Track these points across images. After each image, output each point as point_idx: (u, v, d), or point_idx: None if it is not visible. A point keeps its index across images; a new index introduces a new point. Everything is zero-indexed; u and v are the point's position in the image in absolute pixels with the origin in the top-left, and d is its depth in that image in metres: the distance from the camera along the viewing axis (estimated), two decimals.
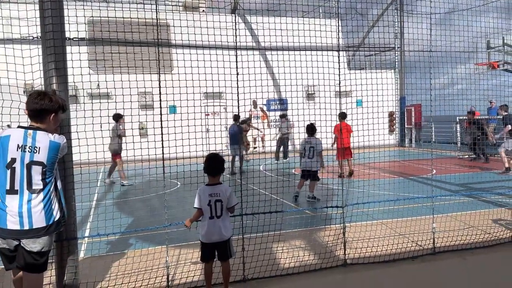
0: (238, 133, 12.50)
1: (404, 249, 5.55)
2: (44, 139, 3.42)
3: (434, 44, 6.00)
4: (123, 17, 4.94)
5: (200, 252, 4.39)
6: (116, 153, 10.32)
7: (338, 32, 5.43)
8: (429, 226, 5.75)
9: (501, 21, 7.81)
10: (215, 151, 4.66)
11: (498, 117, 16.00)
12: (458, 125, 17.23)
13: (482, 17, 7.30)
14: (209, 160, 4.39)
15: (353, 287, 4.68)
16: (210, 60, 5.37)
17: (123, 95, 5.01)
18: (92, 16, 6.62)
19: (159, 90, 4.62)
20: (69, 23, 4.39)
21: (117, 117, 10.11)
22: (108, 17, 4.94)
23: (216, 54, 5.32)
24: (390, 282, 4.74)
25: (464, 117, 16.61)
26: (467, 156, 16.40)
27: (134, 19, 5.25)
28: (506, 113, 13.71)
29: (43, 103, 3.45)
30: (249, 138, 16.60)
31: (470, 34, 6.95)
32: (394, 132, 22.38)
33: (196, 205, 4.34)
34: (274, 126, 19.10)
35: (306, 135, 9.08)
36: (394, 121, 22.11)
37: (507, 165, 11.73)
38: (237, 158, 12.84)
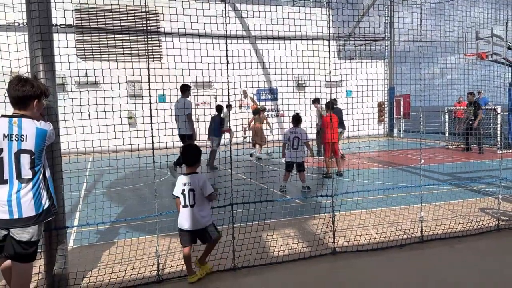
0: (219, 125, 12.29)
1: (393, 238, 5.62)
2: (30, 127, 3.37)
3: (426, 34, 6.01)
4: (111, 4, 4.86)
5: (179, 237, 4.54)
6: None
7: (329, 21, 5.41)
8: (417, 215, 5.82)
9: (490, 12, 7.85)
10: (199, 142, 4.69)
11: (487, 107, 16.21)
12: (446, 115, 17.38)
13: (472, 7, 7.32)
14: (184, 151, 4.54)
15: (342, 275, 4.73)
16: (200, 49, 5.32)
17: (111, 83, 4.94)
18: (79, 3, 6.50)
19: (148, 78, 4.57)
20: (56, 10, 4.31)
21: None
22: (96, 4, 4.85)
23: (206, 43, 5.27)
24: (378, 270, 4.80)
25: (453, 107, 16.78)
26: (454, 146, 16.56)
27: (122, 7, 5.17)
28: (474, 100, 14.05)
29: (25, 89, 3.38)
30: (238, 128, 16.43)
31: (460, 24, 6.98)
32: (383, 122, 22.52)
33: (173, 192, 4.54)
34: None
35: (291, 125, 9.04)
36: (383, 111, 22.24)
37: None
38: (210, 149, 12.43)
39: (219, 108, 12.37)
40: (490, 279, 4.46)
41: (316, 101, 12.66)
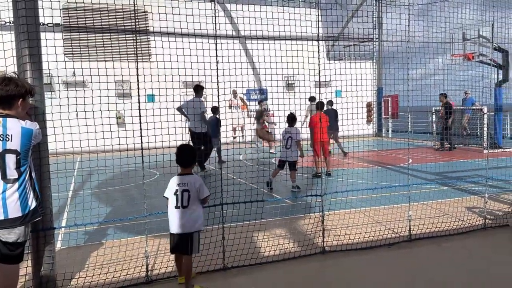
0: (216, 125, 12.47)
1: (381, 237, 5.67)
2: (15, 126, 3.32)
3: (414, 34, 6.06)
4: (99, 3, 4.82)
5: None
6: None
7: (318, 22, 5.43)
8: (405, 214, 5.88)
9: (476, 13, 7.96)
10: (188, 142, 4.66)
11: (473, 107, 16.44)
12: (434, 115, 17.57)
13: (459, 8, 7.41)
14: (179, 151, 4.40)
15: (331, 274, 4.76)
16: (190, 48, 5.30)
17: (99, 82, 4.90)
18: (67, 2, 6.44)
19: (137, 78, 4.54)
20: (43, 8, 4.26)
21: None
22: (84, 3, 4.81)
23: (196, 42, 5.26)
24: (367, 269, 4.84)
25: (439, 108, 16.98)
26: (438, 146, 16.77)
27: (111, 5, 5.13)
28: (446, 101, 14.45)
29: (9, 88, 3.34)
30: (228, 128, 16.58)
31: (447, 25, 7.06)
32: (372, 122, 22.66)
33: (165, 194, 4.40)
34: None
35: (287, 125, 9.10)
36: (372, 112, 22.38)
37: None
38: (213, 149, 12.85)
39: (214, 110, 12.56)
40: (477, 278, 4.52)
41: (312, 99, 13.00)
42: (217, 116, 12.61)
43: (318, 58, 5.45)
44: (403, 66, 6.05)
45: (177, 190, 4.28)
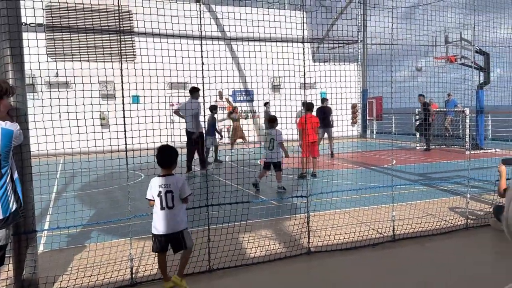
0: (213, 125, 12.87)
1: (366, 237, 5.72)
2: None
3: (396, 37, 6.14)
4: (83, 3, 4.77)
5: (152, 243, 4.37)
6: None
7: (303, 24, 5.47)
8: (389, 214, 5.94)
9: (459, 17, 8.11)
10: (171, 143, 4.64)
11: (456, 109, 16.72)
12: (417, 116, 17.80)
13: (442, 11, 7.55)
14: (160, 152, 4.37)
15: (316, 274, 4.79)
16: (174, 50, 5.27)
17: (82, 83, 4.85)
18: (50, 1, 6.35)
19: (121, 79, 4.51)
20: (25, 8, 4.19)
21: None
22: (67, 3, 4.75)
23: (181, 44, 5.24)
24: (351, 269, 4.88)
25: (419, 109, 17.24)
26: (418, 146, 17.04)
27: (94, 6, 5.07)
28: (425, 101, 14.83)
29: None
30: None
31: (430, 28, 7.18)
32: (357, 124, 22.85)
33: (147, 196, 4.35)
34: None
35: (268, 127, 9.16)
36: (357, 113, 22.57)
37: None
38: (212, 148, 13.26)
39: (212, 108, 12.80)
40: (460, 278, 4.59)
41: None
42: (215, 115, 12.93)
43: (303, 60, 5.48)
44: (387, 68, 6.13)
45: (160, 192, 4.26)
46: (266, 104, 15.89)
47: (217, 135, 13.53)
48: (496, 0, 9.41)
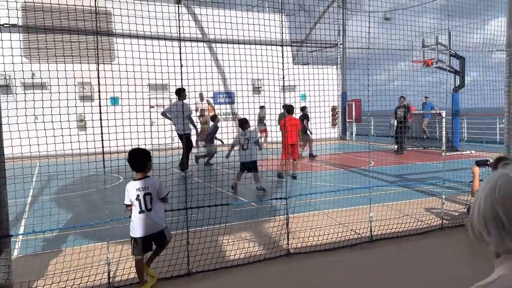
0: (214, 132, 13.10)
1: (344, 238, 5.79)
2: None
3: (374, 41, 6.25)
4: (59, 4, 4.70)
5: (132, 247, 4.35)
6: None
7: (282, 27, 5.51)
8: (366, 215, 6.03)
9: (435, 22, 8.30)
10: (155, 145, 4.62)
11: (432, 111, 17.06)
12: (394, 119, 18.08)
13: (419, 17, 7.70)
14: (132, 157, 4.35)
15: (295, 276, 4.82)
16: (153, 52, 5.25)
17: (58, 85, 4.77)
18: (25, 1, 6.24)
19: (98, 81, 4.46)
20: None
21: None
22: (43, 3, 4.67)
23: (159, 46, 5.21)
24: (330, 270, 4.93)
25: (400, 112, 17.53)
26: (396, 147, 17.32)
27: (71, 6, 4.99)
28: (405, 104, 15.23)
29: None
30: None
31: (407, 33, 7.32)
32: (337, 126, 23.10)
33: (125, 201, 4.34)
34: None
35: (240, 130, 9.18)
36: (337, 115, 22.82)
37: None
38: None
39: (213, 118, 13.33)
40: (435, 278, 4.69)
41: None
42: (217, 124, 13.13)
43: (282, 63, 5.52)
44: (364, 72, 6.23)
45: (138, 195, 4.25)
46: (261, 107, 15.90)
47: (217, 142, 13.53)
48: (469, 6, 9.67)
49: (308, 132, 13.69)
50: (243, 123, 9.09)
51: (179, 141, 10.85)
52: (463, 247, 5.79)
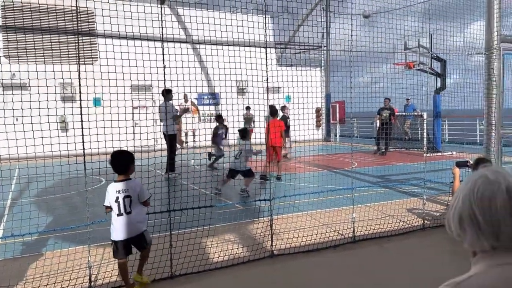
0: (226, 135, 13.07)
1: (327, 239, 5.82)
2: None
3: (357, 44, 6.31)
4: (39, 3, 4.62)
5: (112, 250, 4.31)
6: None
7: (265, 29, 5.52)
8: (349, 216, 6.07)
9: (417, 25, 8.43)
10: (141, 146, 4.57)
11: (414, 113, 17.31)
12: (378, 121, 18.28)
13: (401, 20, 7.82)
14: (114, 159, 4.31)
15: (279, 277, 4.82)
16: (135, 52, 5.20)
17: (38, 86, 4.69)
18: (4, 1, 6.11)
19: (79, 81, 4.39)
20: None
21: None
22: (22, 3, 4.59)
23: (142, 46, 5.17)
24: (314, 271, 4.95)
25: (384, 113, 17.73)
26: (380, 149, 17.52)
27: (51, 6, 4.91)
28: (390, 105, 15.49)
29: None
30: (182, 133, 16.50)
31: (390, 36, 7.42)
32: (321, 127, 23.25)
33: (105, 203, 4.28)
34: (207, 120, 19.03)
35: (241, 141, 9.15)
36: (321, 117, 22.98)
37: None
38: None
39: (218, 118, 13.17)
40: (417, 278, 4.75)
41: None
42: (226, 125, 12.98)
43: (266, 65, 5.53)
44: (348, 74, 6.28)
45: (117, 198, 4.20)
46: (247, 108, 15.87)
47: (225, 142, 13.43)
48: (450, 10, 9.85)
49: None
50: (243, 134, 9.09)
51: (163, 142, 10.81)
52: (444, 247, 5.87)
